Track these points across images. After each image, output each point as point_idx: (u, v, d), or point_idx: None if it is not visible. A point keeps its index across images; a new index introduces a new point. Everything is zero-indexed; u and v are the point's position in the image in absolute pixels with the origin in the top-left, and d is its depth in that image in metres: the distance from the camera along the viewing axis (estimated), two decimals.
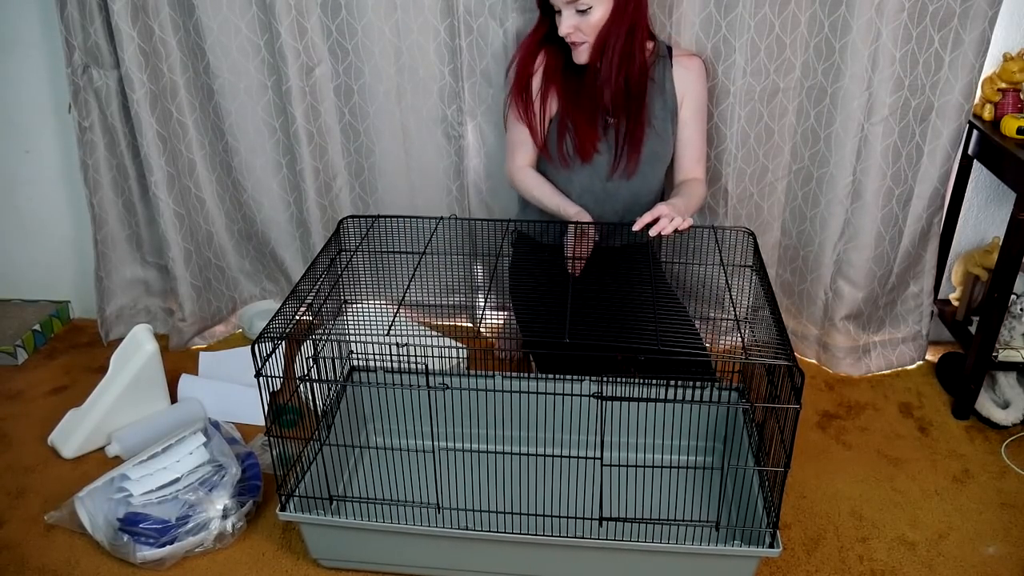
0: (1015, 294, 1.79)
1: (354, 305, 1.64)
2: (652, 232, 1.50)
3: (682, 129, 1.72)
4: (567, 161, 1.70)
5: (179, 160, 2.01)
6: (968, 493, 1.64)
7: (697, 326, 1.80)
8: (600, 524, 1.35)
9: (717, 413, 1.63)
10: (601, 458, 1.33)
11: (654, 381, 1.37)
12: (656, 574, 1.36)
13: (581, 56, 1.62)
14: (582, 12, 1.55)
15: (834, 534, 1.54)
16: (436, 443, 1.38)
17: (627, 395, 1.38)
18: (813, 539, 1.53)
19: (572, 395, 1.51)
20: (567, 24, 1.56)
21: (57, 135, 2.11)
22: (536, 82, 1.69)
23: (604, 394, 1.31)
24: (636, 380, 1.38)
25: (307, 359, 1.39)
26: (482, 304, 2.08)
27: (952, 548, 1.51)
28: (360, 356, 1.64)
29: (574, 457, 1.46)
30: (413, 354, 1.35)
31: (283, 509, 1.39)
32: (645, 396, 1.36)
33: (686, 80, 1.70)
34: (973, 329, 1.86)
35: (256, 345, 1.28)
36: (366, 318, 1.45)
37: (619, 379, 1.41)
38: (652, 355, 1.21)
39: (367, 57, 1.88)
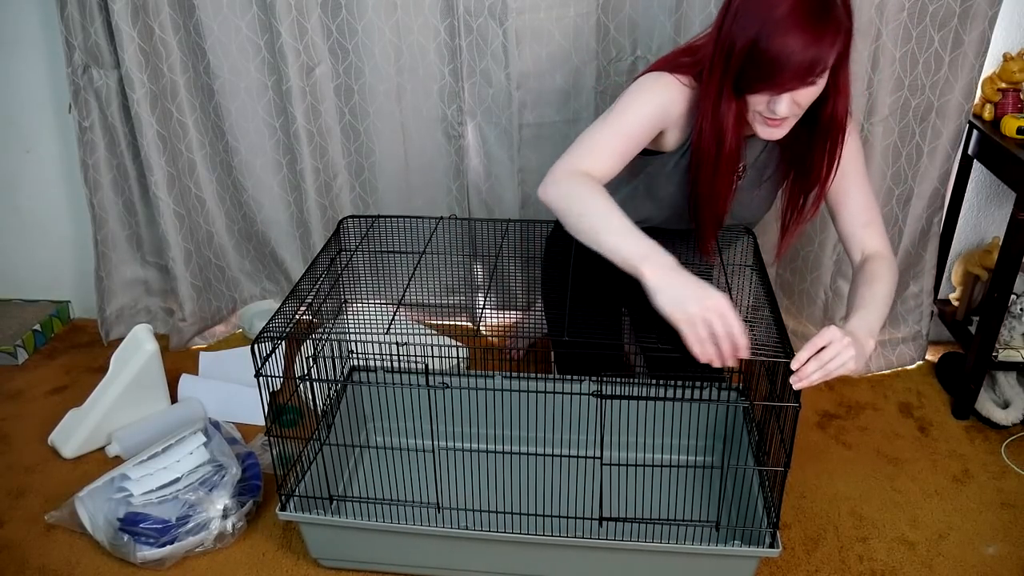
0: (1015, 294, 1.79)
1: (354, 305, 1.64)
2: (807, 380, 1.16)
3: (832, 194, 1.39)
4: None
5: (179, 160, 2.01)
6: (968, 493, 1.64)
7: None
8: (600, 524, 1.35)
9: (716, 412, 1.63)
10: (601, 457, 1.33)
11: (652, 381, 1.37)
12: (656, 574, 1.36)
13: (778, 133, 1.26)
14: (808, 84, 1.19)
15: (834, 534, 1.54)
16: (436, 442, 1.38)
17: (626, 393, 1.38)
18: (813, 539, 1.53)
19: (572, 394, 1.51)
20: (787, 105, 1.20)
21: (57, 135, 2.11)
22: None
23: (603, 392, 1.31)
24: (635, 380, 1.38)
25: (307, 358, 1.39)
26: (482, 304, 2.08)
27: (952, 548, 1.51)
28: (360, 356, 1.64)
29: (574, 456, 1.46)
30: (413, 353, 1.35)
31: (283, 509, 1.39)
32: (644, 395, 1.36)
33: None
34: (973, 329, 1.86)
35: (256, 345, 1.28)
36: (366, 318, 1.45)
37: (618, 379, 1.41)
38: (655, 353, 1.21)
39: (367, 57, 1.88)
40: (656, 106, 1.31)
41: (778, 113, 1.20)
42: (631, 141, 1.31)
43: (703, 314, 1.10)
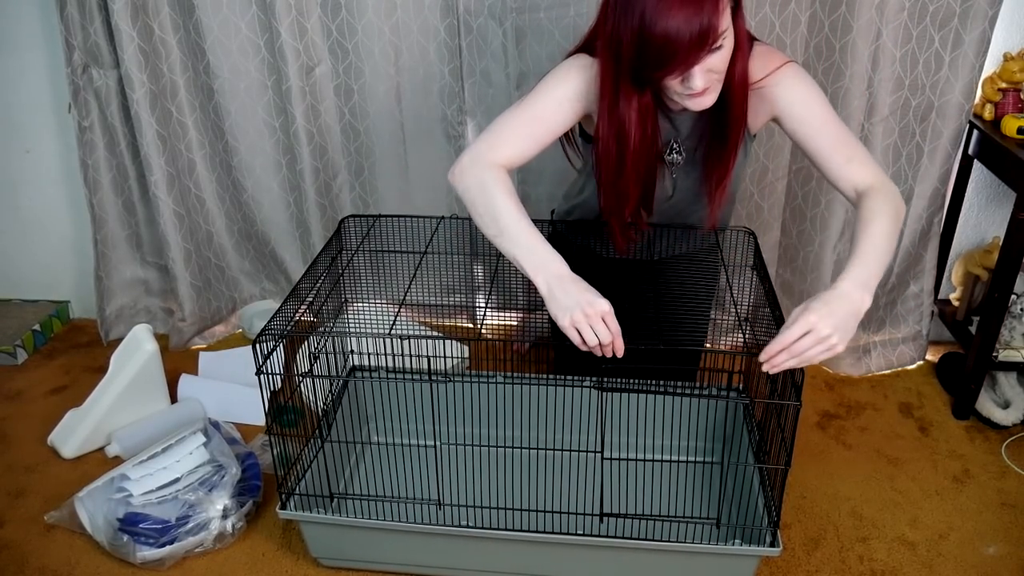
0: (1015, 294, 1.79)
1: (355, 304, 1.64)
2: (779, 367, 1.15)
3: (803, 144, 1.32)
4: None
5: (179, 160, 2.01)
6: (968, 493, 1.64)
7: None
8: (601, 520, 1.35)
9: (716, 408, 1.63)
10: (602, 451, 1.33)
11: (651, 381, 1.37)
12: (657, 572, 1.36)
13: (707, 101, 1.22)
14: (714, 51, 1.16)
15: (834, 534, 1.54)
16: (438, 440, 1.38)
17: (627, 387, 1.38)
18: (813, 539, 1.53)
19: (573, 386, 1.50)
20: (701, 77, 1.17)
21: (57, 135, 2.11)
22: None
23: (604, 385, 1.31)
24: (634, 379, 1.38)
25: (309, 355, 1.39)
26: (482, 304, 2.08)
27: (952, 548, 1.51)
28: (361, 353, 1.64)
29: (575, 451, 1.46)
30: (413, 351, 1.34)
31: (283, 507, 1.39)
32: (644, 388, 1.37)
33: (771, 102, 1.31)
34: (973, 329, 1.86)
35: (258, 343, 1.28)
36: (367, 317, 1.45)
37: (618, 379, 1.41)
38: (651, 346, 1.21)
39: (367, 57, 1.88)
40: (572, 89, 1.29)
41: (696, 87, 1.18)
42: (545, 125, 1.31)
43: (588, 321, 1.17)
